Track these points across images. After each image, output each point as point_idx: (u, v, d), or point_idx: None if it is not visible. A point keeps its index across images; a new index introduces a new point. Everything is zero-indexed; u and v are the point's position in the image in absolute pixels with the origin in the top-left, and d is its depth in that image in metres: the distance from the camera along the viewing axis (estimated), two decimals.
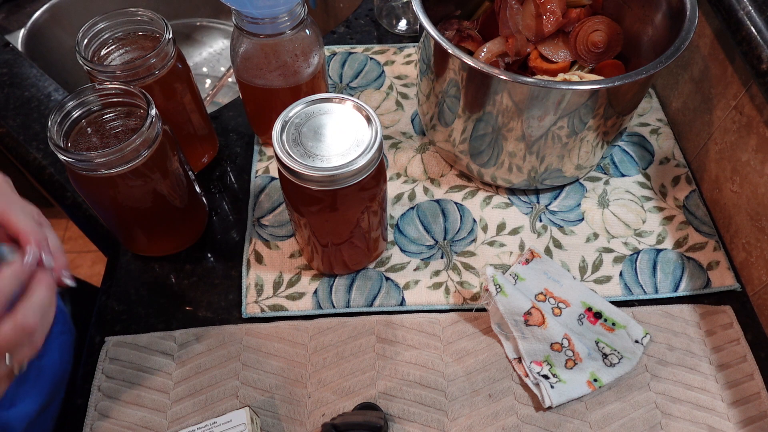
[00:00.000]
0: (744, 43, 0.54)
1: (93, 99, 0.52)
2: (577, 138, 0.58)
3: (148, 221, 0.57)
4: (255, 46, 0.59)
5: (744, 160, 0.60)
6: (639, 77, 0.51)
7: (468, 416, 0.52)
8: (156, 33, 0.58)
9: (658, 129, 0.73)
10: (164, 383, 0.54)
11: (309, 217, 0.52)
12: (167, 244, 0.62)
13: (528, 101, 0.53)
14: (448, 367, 0.55)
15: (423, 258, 0.62)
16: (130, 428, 0.52)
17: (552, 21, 0.61)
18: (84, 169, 0.49)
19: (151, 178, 0.52)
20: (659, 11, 0.60)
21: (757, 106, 0.58)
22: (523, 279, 0.59)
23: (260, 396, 0.54)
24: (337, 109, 0.50)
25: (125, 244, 0.62)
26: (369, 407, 0.52)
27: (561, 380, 0.53)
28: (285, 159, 0.47)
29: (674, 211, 0.66)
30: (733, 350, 0.56)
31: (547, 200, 0.66)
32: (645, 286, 0.60)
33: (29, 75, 0.79)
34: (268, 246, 0.63)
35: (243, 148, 0.72)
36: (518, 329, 0.55)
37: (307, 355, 0.56)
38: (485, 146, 0.61)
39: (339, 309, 0.59)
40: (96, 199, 0.53)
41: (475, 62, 0.52)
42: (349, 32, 0.85)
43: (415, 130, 0.73)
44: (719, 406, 0.53)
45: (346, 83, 0.78)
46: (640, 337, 0.56)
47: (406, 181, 0.68)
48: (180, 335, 0.57)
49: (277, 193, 0.67)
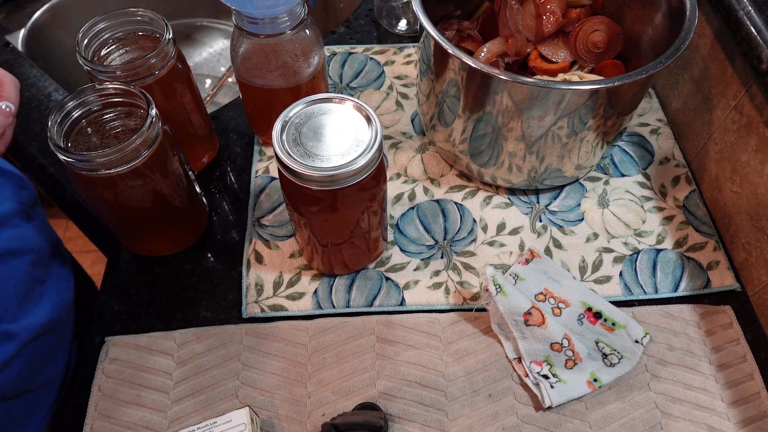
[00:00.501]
0: (744, 43, 0.54)
1: (93, 99, 0.52)
2: (577, 138, 0.58)
3: (148, 221, 0.57)
4: (255, 46, 0.59)
5: (744, 160, 0.60)
6: (639, 77, 0.51)
7: (468, 416, 0.52)
8: (156, 33, 0.58)
9: (658, 129, 0.73)
10: (164, 383, 0.54)
11: (309, 217, 0.52)
12: (167, 244, 0.62)
13: (528, 101, 0.53)
14: (448, 367, 0.55)
15: (423, 258, 0.62)
16: (130, 428, 0.52)
17: (552, 21, 0.61)
18: (84, 169, 0.49)
19: (151, 178, 0.52)
20: (659, 11, 0.60)
21: (757, 106, 0.58)
22: (523, 279, 0.59)
23: (260, 396, 0.54)
24: (337, 109, 0.50)
25: (125, 245, 0.62)
26: (369, 407, 0.52)
27: (561, 380, 0.53)
28: (285, 159, 0.47)
29: (674, 211, 0.66)
30: (733, 350, 0.56)
31: (547, 200, 0.66)
32: (645, 286, 0.60)
33: (29, 75, 0.79)
34: (268, 246, 0.63)
35: (243, 148, 0.72)
36: (518, 329, 0.55)
37: (307, 355, 0.56)
38: (485, 146, 0.61)
39: (339, 309, 0.59)
40: (96, 199, 0.53)
41: (475, 62, 0.52)
42: (349, 32, 0.85)
43: (415, 130, 0.73)
44: (719, 406, 0.53)
45: (346, 83, 0.78)
46: (640, 337, 0.56)
47: (406, 181, 0.68)
48: (180, 335, 0.57)
49: (277, 193, 0.67)
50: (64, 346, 0.58)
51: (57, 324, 0.56)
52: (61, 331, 0.57)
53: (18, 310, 0.51)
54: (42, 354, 0.54)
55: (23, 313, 0.51)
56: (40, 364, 0.54)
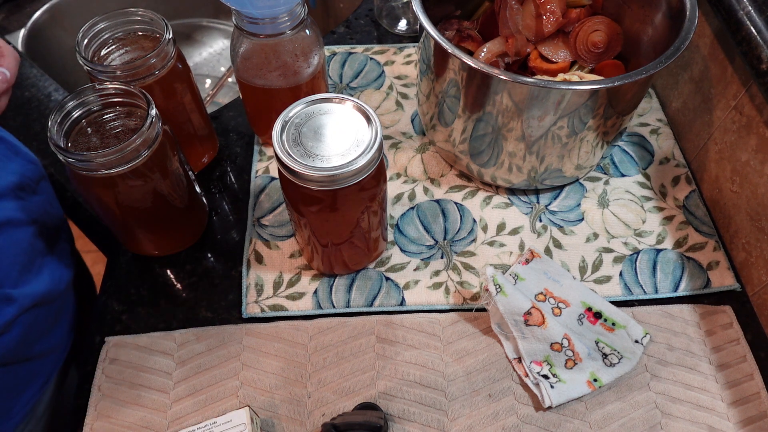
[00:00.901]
0: (744, 43, 0.54)
1: (93, 99, 0.52)
2: (577, 138, 0.58)
3: (149, 221, 0.57)
4: (255, 46, 0.59)
5: (744, 160, 0.60)
6: (639, 77, 0.51)
7: (468, 416, 0.52)
8: (156, 33, 0.58)
9: (658, 129, 0.73)
10: (164, 383, 0.54)
11: (309, 217, 0.52)
12: (167, 244, 0.62)
13: (528, 101, 0.53)
14: (448, 367, 0.55)
15: (423, 258, 0.62)
16: (130, 428, 0.52)
17: (552, 21, 0.61)
18: (84, 169, 0.49)
19: (151, 178, 0.52)
20: (659, 11, 0.60)
21: (757, 106, 0.58)
22: (523, 279, 0.59)
23: (260, 396, 0.54)
24: (337, 109, 0.50)
25: (125, 245, 0.62)
26: (369, 407, 0.52)
27: (561, 380, 0.53)
28: (285, 159, 0.47)
29: (674, 211, 0.66)
30: (733, 350, 0.56)
31: (547, 200, 0.66)
32: (645, 286, 0.60)
33: (29, 75, 0.79)
34: (268, 246, 0.63)
35: (243, 148, 0.72)
36: (518, 329, 0.55)
37: (307, 355, 0.56)
38: (485, 146, 0.61)
39: (339, 309, 0.59)
40: (96, 199, 0.53)
41: (475, 62, 0.52)
42: (349, 32, 0.85)
43: (415, 130, 0.73)
44: (719, 406, 0.53)
45: (346, 83, 0.78)
46: (639, 337, 0.56)
47: (406, 181, 0.68)
48: (180, 335, 0.57)
49: (277, 193, 0.67)
50: (64, 320, 0.59)
51: (57, 296, 0.57)
52: (60, 305, 0.59)
53: (18, 278, 0.52)
54: (42, 323, 0.55)
55: (24, 281, 0.53)
56: (39, 333, 0.55)
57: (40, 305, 0.54)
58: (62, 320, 0.59)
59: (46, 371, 0.58)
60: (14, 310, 0.51)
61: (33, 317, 0.53)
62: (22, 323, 0.52)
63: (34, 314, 0.53)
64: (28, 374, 0.55)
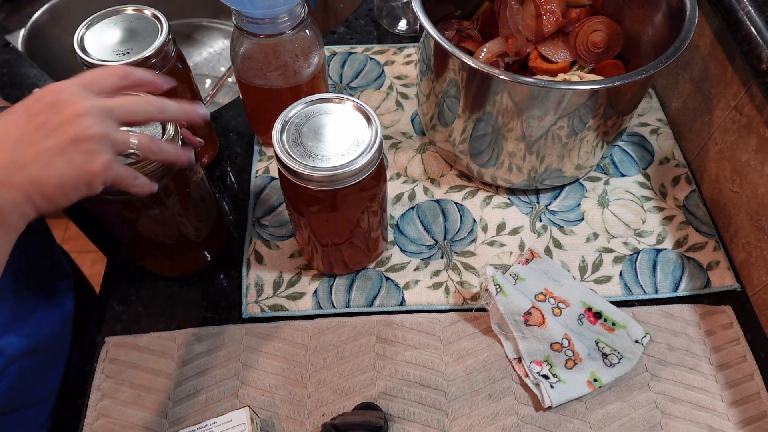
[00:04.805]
0: (744, 43, 0.54)
1: None
2: (577, 138, 0.58)
3: (165, 248, 0.56)
4: (255, 46, 0.59)
5: (744, 160, 0.60)
6: (639, 77, 0.51)
7: (468, 416, 0.52)
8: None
9: (658, 129, 0.73)
10: (164, 383, 0.54)
11: (309, 217, 0.52)
12: (186, 267, 0.62)
13: (528, 101, 0.53)
14: (448, 367, 0.55)
15: (423, 258, 0.62)
16: (130, 428, 0.52)
17: (552, 21, 0.61)
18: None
19: (168, 206, 0.51)
20: (659, 11, 0.60)
21: (757, 106, 0.58)
22: (523, 279, 0.59)
23: (260, 396, 0.54)
24: (337, 109, 0.50)
25: (137, 260, 0.61)
26: (369, 407, 0.52)
27: (561, 380, 0.53)
28: (285, 159, 0.47)
29: (674, 211, 0.66)
30: (733, 350, 0.56)
31: (547, 200, 0.66)
32: (645, 286, 0.60)
33: (29, 75, 0.79)
34: (268, 246, 0.63)
35: (243, 148, 0.72)
36: (518, 329, 0.55)
37: (307, 355, 0.56)
38: (485, 146, 0.61)
39: (339, 309, 0.59)
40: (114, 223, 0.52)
41: (475, 62, 0.52)
42: (349, 32, 0.85)
43: (415, 130, 0.73)
44: (719, 406, 0.53)
45: (346, 83, 0.78)
46: (640, 337, 0.56)
47: (406, 181, 0.68)
48: (180, 335, 0.57)
49: (277, 193, 0.67)
50: (61, 362, 0.57)
51: (50, 343, 0.55)
52: (59, 347, 0.57)
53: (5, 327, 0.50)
54: (36, 371, 0.53)
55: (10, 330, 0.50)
56: (33, 381, 0.53)
57: (31, 354, 0.52)
58: (60, 362, 0.57)
59: (43, 418, 0.55)
60: (1, 360, 0.49)
61: (24, 366, 0.51)
62: (12, 372, 0.50)
63: (26, 362, 0.52)
64: (25, 420, 0.53)
